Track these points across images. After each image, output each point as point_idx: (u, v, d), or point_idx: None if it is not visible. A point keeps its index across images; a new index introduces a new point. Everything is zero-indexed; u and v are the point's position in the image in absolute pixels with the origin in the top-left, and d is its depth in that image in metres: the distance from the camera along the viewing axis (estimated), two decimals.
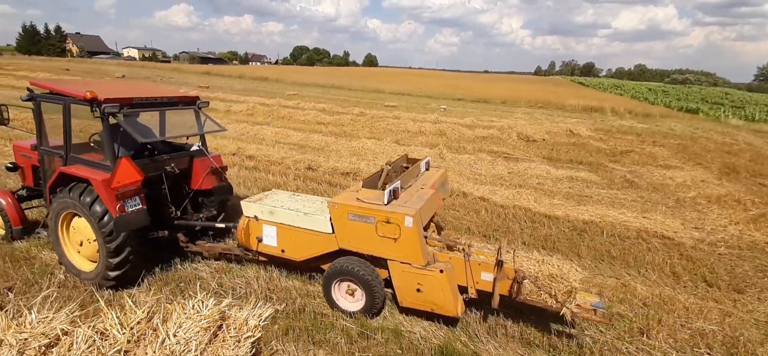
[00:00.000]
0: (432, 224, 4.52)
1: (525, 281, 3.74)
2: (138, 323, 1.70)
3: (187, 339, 1.63)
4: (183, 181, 5.20)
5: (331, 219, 4.08)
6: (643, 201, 8.53)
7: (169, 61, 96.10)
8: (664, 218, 7.29)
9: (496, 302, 3.77)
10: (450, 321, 4.11)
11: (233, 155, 10.53)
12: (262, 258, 4.80)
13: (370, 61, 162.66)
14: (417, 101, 30.52)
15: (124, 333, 1.64)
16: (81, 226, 4.39)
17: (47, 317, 1.64)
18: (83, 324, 1.66)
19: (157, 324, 1.71)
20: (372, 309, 4.09)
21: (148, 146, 5.05)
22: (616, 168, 11.54)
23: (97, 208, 4.11)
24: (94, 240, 4.28)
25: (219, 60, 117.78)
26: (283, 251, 4.51)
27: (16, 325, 1.60)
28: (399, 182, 4.22)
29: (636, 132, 18.93)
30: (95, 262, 4.43)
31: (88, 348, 1.55)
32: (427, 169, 5.27)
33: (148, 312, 1.75)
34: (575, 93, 45.35)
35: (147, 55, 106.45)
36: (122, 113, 4.26)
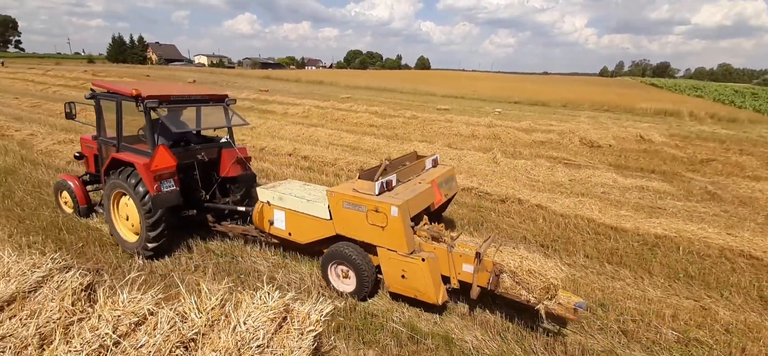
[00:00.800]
0: (424, 216, 4.58)
1: (503, 274, 3.79)
2: (212, 309, 1.84)
3: (255, 328, 1.74)
4: (212, 169, 5.84)
5: (329, 207, 4.40)
6: (728, 216, 7.64)
7: (233, 67, 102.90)
8: (753, 236, 6.47)
9: (474, 293, 3.86)
10: (504, 332, 3.97)
11: (289, 155, 11.01)
12: (273, 240, 5.25)
13: (423, 64, 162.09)
14: (470, 103, 29.88)
15: (200, 317, 1.78)
16: (127, 203, 5.14)
17: (136, 297, 1.84)
18: (166, 306, 1.83)
19: (229, 311, 1.84)
20: (361, 291, 4.32)
21: (185, 136, 5.71)
22: (696, 178, 10.44)
23: (139, 187, 4.83)
24: (128, 198, 5.04)
25: (278, 65, 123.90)
26: (290, 234, 4.91)
27: (111, 303, 1.80)
28: (394, 175, 4.50)
29: (719, 139, 17.00)
30: (138, 234, 5.13)
31: (170, 328, 1.71)
32: (433, 166, 5.51)
33: (221, 300, 1.89)
34: (647, 95, 41.78)
35: (214, 62, 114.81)
36: (161, 108, 4.99)
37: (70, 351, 1.51)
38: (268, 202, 5.06)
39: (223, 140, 5.96)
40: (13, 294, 1.74)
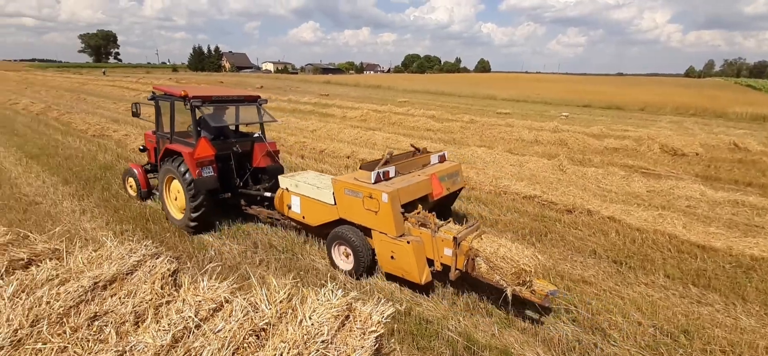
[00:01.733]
0: (419, 204, 4.90)
1: (478, 258, 4.08)
2: (281, 301, 1.94)
3: (320, 323, 1.81)
4: (246, 159, 6.63)
5: (334, 193, 4.92)
6: None
7: (296, 73, 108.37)
8: None
9: (453, 275, 4.21)
10: (569, 351, 3.72)
11: (348, 157, 11.30)
12: (292, 223, 5.91)
13: (483, 67, 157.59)
14: (533, 107, 28.54)
15: (270, 309, 1.89)
16: (176, 186, 6.07)
17: (214, 285, 2.01)
18: (239, 295, 1.96)
19: (295, 305, 1.93)
20: (358, 270, 4.79)
21: (224, 131, 6.62)
22: None
23: (184, 172, 5.70)
24: (177, 181, 6.01)
25: (337, 70, 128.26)
26: (303, 217, 5.50)
27: (193, 289, 1.98)
28: (393, 167, 4.94)
29: None
30: (183, 212, 6.05)
31: (244, 316, 1.84)
32: (440, 161, 5.85)
33: (288, 294, 1.99)
34: (742, 98, 36.83)
35: (280, 68, 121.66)
36: (205, 107, 5.97)
37: (159, 329, 1.69)
38: (286, 189, 5.69)
39: (256, 135, 6.76)
40: (114, 275, 2.00)
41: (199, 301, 1.89)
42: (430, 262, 4.44)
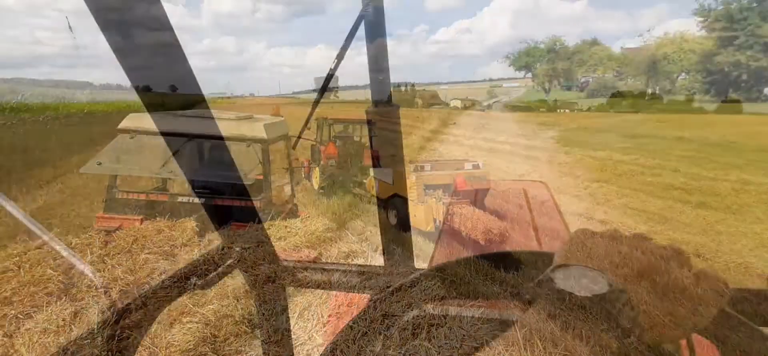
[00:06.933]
0: (441, 189, 8.14)
1: (454, 216, 7.04)
2: None
3: None
4: (358, 159, 11.18)
5: (393, 176, 7.08)
6: None
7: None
8: None
9: (442, 226, 7.26)
10: None
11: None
12: (373, 197, 9.38)
13: None
14: None
15: None
16: (317, 169, 10.96)
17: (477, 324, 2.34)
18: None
19: None
20: (399, 224, 7.77)
21: (348, 139, 11.68)
22: None
23: (319, 161, 10.75)
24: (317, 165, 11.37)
25: None
26: (379, 191, 8.35)
27: (460, 321, 2.36)
28: (430, 164, 8.37)
29: None
30: (318, 186, 10.72)
31: None
32: (473, 168, 8.31)
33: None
34: None
35: (467, 105, 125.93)
36: (336, 124, 11.59)
37: (430, 347, 2.07)
38: (373, 176, 8.86)
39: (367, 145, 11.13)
40: (400, 284, 2.57)
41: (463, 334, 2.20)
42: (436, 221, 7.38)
